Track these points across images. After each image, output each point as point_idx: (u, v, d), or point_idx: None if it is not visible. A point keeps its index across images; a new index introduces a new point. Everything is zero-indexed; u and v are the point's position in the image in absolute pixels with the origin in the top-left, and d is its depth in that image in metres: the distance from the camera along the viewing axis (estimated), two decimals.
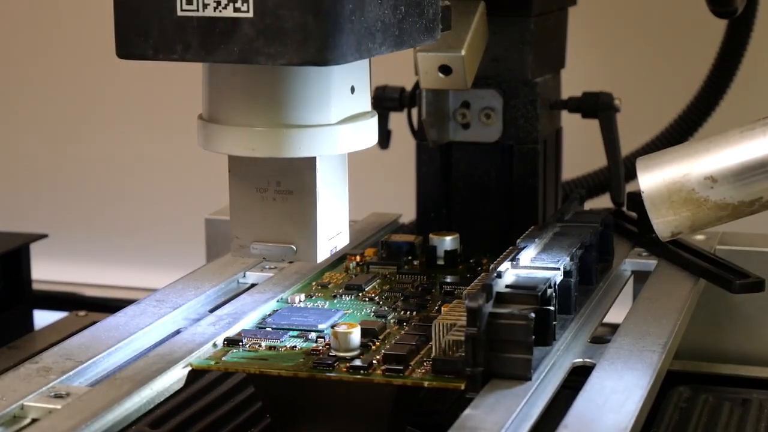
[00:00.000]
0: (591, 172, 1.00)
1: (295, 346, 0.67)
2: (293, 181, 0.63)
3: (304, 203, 0.63)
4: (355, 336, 0.65)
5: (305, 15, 0.56)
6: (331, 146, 0.61)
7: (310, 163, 0.62)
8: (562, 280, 0.67)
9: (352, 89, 0.63)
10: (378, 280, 0.78)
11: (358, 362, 0.64)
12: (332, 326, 0.66)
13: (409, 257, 0.82)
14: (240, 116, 0.61)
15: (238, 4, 0.57)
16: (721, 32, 0.96)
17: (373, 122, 0.64)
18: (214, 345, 0.67)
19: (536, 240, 0.71)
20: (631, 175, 0.78)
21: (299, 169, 0.62)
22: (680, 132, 0.98)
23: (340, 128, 0.62)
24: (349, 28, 0.56)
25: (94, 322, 0.71)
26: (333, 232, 0.65)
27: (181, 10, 0.57)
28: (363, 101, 0.64)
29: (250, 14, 0.56)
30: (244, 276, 0.80)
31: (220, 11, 0.57)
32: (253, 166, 0.63)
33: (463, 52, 0.77)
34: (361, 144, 0.63)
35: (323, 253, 0.64)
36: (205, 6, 0.57)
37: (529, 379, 0.61)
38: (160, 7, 0.58)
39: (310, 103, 0.60)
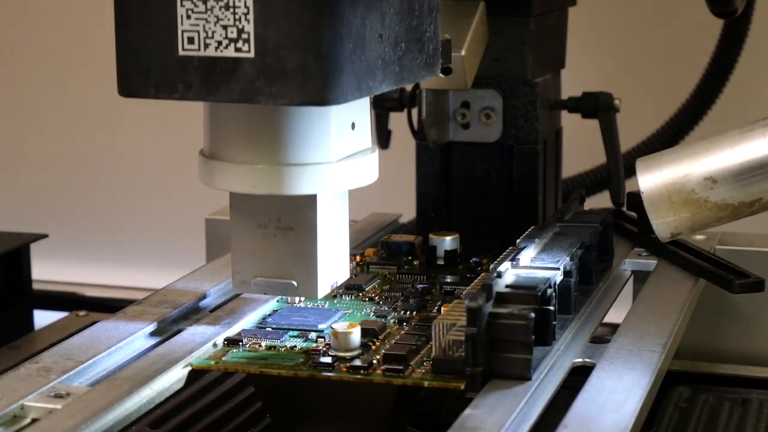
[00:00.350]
0: (590, 169, 1.00)
1: (295, 346, 0.67)
2: (294, 218, 0.63)
3: (305, 240, 0.63)
4: (355, 336, 0.65)
5: (306, 55, 0.56)
6: (332, 184, 0.62)
7: (311, 200, 0.63)
8: (562, 280, 0.67)
9: (353, 125, 0.63)
10: (378, 280, 0.78)
11: (358, 362, 0.64)
12: (332, 326, 0.66)
13: (409, 257, 0.82)
14: (241, 154, 0.62)
15: (240, 44, 0.57)
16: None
17: (374, 158, 0.65)
18: (214, 345, 0.67)
19: (536, 240, 0.71)
20: (629, 174, 0.78)
21: (300, 206, 0.63)
22: (675, 131, 0.98)
23: (340, 165, 0.62)
24: (350, 68, 0.57)
25: (94, 322, 0.71)
26: (333, 267, 0.66)
27: (183, 49, 0.58)
28: (363, 137, 0.65)
29: (252, 54, 0.57)
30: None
31: (222, 51, 0.57)
32: (254, 203, 0.64)
33: (463, 52, 0.77)
34: (362, 181, 0.64)
35: (324, 289, 0.65)
36: (206, 46, 0.57)
37: (529, 379, 0.61)
38: (161, 46, 0.58)
39: (310, 141, 0.61)
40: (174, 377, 0.64)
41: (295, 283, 0.64)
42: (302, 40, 0.56)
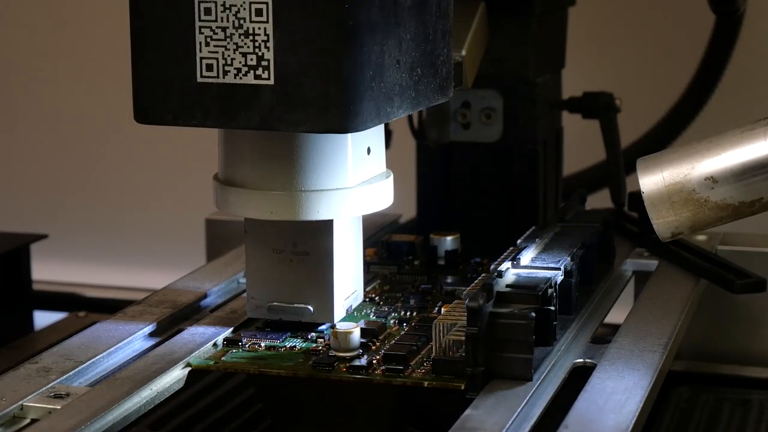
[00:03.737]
0: (591, 166, 1.00)
1: (295, 346, 0.67)
2: (310, 243, 0.64)
3: (321, 265, 0.64)
4: (355, 336, 0.65)
5: (327, 83, 0.56)
6: (349, 209, 0.62)
7: (327, 225, 0.63)
8: (562, 280, 0.67)
9: (368, 150, 0.63)
10: (378, 280, 0.78)
11: (358, 362, 0.64)
12: (332, 326, 0.66)
13: (410, 257, 0.82)
14: (258, 179, 0.62)
15: (259, 72, 0.57)
16: None
17: (389, 183, 0.65)
18: (214, 345, 0.67)
19: (537, 240, 0.71)
20: (629, 170, 0.78)
21: (316, 231, 0.63)
22: (669, 130, 0.98)
23: (357, 191, 0.62)
24: (370, 95, 0.57)
25: (94, 323, 0.70)
26: (348, 291, 0.66)
27: (201, 76, 0.58)
28: (379, 162, 0.65)
29: (271, 81, 0.57)
30: (245, 276, 0.80)
31: (241, 78, 0.57)
32: (269, 228, 0.64)
33: (463, 52, 0.77)
34: (378, 205, 0.64)
35: (339, 313, 0.66)
36: (225, 73, 0.57)
37: (530, 379, 0.61)
38: (180, 73, 0.58)
39: (328, 167, 0.61)
40: (174, 377, 0.64)
41: (311, 308, 0.65)
42: (323, 68, 0.56)
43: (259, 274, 0.66)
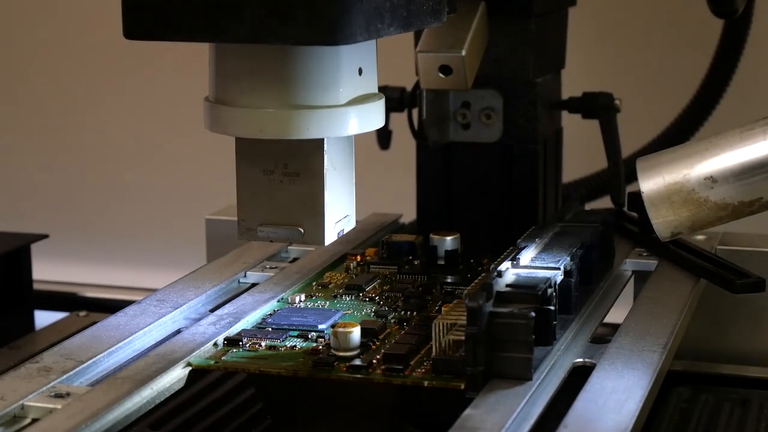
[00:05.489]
0: (590, 174, 1.00)
1: (295, 346, 0.67)
2: (301, 163, 0.62)
3: (312, 185, 0.62)
4: (355, 336, 0.65)
5: None
6: (340, 128, 0.60)
7: (318, 144, 0.61)
8: (562, 280, 0.67)
9: (360, 71, 0.62)
10: (378, 280, 0.78)
11: (357, 362, 0.64)
12: (332, 326, 0.66)
13: (410, 257, 0.82)
14: (248, 97, 0.60)
15: None
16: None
17: (380, 104, 0.63)
18: (215, 345, 0.67)
19: (537, 240, 0.71)
20: (631, 177, 0.78)
21: (307, 150, 0.61)
22: (679, 133, 0.98)
23: (348, 110, 0.61)
24: (358, 8, 0.56)
25: (95, 322, 0.71)
26: (340, 214, 0.64)
27: None
28: (370, 83, 0.63)
29: None
30: (245, 276, 0.80)
31: None
32: (260, 148, 0.62)
33: (463, 52, 0.77)
34: (369, 126, 0.62)
35: (330, 236, 0.63)
36: None
37: (530, 378, 0.61)
38: None
39: (318, 84, 0.60)
40: (174, 377, 0.64)
41: (301, 230, 0.63)
42: None
43: (249, 196, 0.63)
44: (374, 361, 0.64)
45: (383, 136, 0.91)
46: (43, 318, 0.99)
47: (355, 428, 0.67)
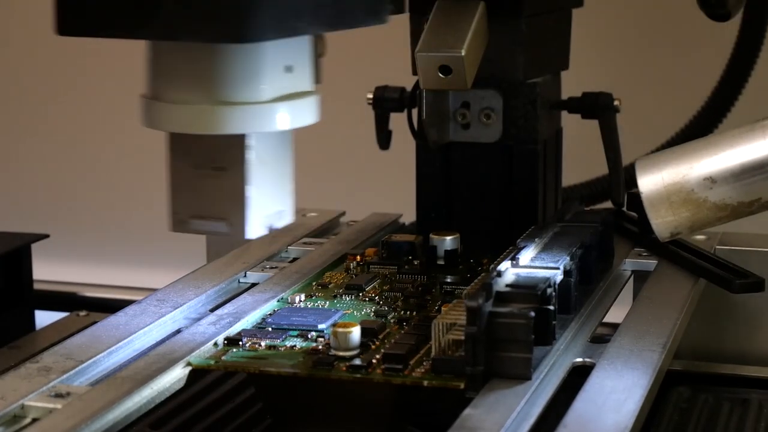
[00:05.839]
0: (589, 180, 1.00)
1: (295, 346, 0.67)
2: (226, 158, 0.62)
3: (235, 179, 0.62)
4: (355, 335, 0.65)
5: None
6: (262, 124, 0.61)
7: (240, 139, 0.62)
8: (562, 280, 0.67)
9: (290, 68, 0.62)
10: (378, 280, 0.78)
11: (357, 362, 0.64)
12: (332, 326, 0.66)
13: (410, 257, 0.82)
14: (176, 94, 0.61)
15: None
16: (722, 33, 0.96)
17: (312, 101, 0.64)
18: (215, 344, 0.67)
19: (536, 240, 0.71)
20: (631, 184, 0.78)
21: (231, 145, 0.62)
22: (693, 136, 0.98)
23: (273, 106, 0.61)
24: (267, 5, 0.56)
25: (95, 322, 0.71)
26: (270, 209, 0.64)
27: None
28: (302, 80, 0.63)
29: None
30: (245, 276, 0.80)
31: None
32: (190, 143, 0.63)
33: (463, 52, 0.77)
34: (296, 122, 0.62)
35: (255, 230, 0.64)
36: None
37: (529, 378, 0.61)
38: None
39: (241, 80, 0.60)
40: (174, 377, 0.64)
41: (227, 223, 0.64)
42: None
43: (180, 190, 0.65)
44: (374, 360, 0.64)
45: (383, 137, 0.91)
46: (44, 318, 0.99)
47: (355, 428, 0.67)
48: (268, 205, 0.64)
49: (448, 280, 0.78)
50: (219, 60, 0.60)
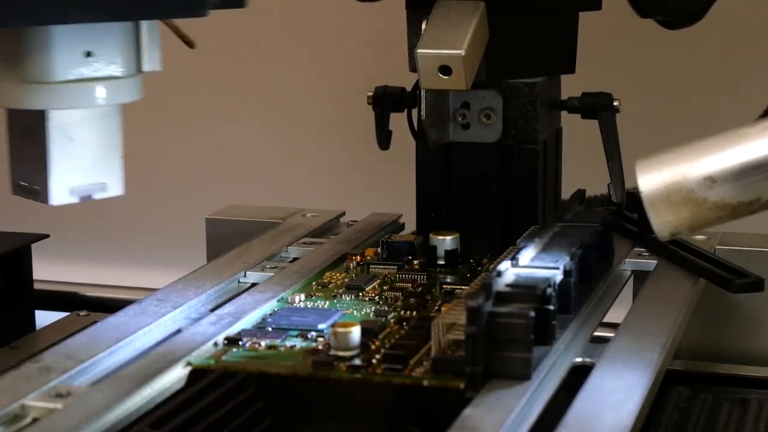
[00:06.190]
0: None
1: (295, 346, 0.67)
2: (37, 131, 0.68)
3: (43, 150, 0.68)
4: (355, 335, 0.65)
5: None
6: (59, 101, 0.66)
7: (41, 114, 0.67)
8: (562, 280, 0.67)
9: (89, 53, 0.66)
10: (378, 280, 0.78)
11: (357, 361, 0.64)
12: (332, 326, 0.66)
13: (409, 257, 0.82)
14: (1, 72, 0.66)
15: None
16: (722, 32, 0.96)
17: (115, 84, 0.68)
18: (215, 344, 0.68)
19: (536, 240, 0.71)
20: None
21: (38, 120, 0.67)
22: None
23: (68, 86, 0.66)
24: None
25: (95, 322, 0.71)
26: (81, 180, 0.70)
27: None
28: (105, 65, 0.67)
29: None
30: (245, 276, 0.80)
31: None
32: (20, 117, 0.68)
33: (463, 52, 0.77)
34: (94, 102, 0.68)
35: (60, 198, 0.69)
36: None
37: (529, 378, 0.61)
38: None
39: (40, 62, 0.65)
40: (174, 376, 0.64)
41: (38, 188, 0.69)
42: None
43: (14, 158, 0.70)
44: (374, 360, 0.64)
45: (383, 137, 0.91)
46: (44, 318, 0.99)
47: (354, 428, 0.67)
48: (78, 176, 0.70)
49: (448, 280, 0.78)
50: (23, 43, 0.65)
